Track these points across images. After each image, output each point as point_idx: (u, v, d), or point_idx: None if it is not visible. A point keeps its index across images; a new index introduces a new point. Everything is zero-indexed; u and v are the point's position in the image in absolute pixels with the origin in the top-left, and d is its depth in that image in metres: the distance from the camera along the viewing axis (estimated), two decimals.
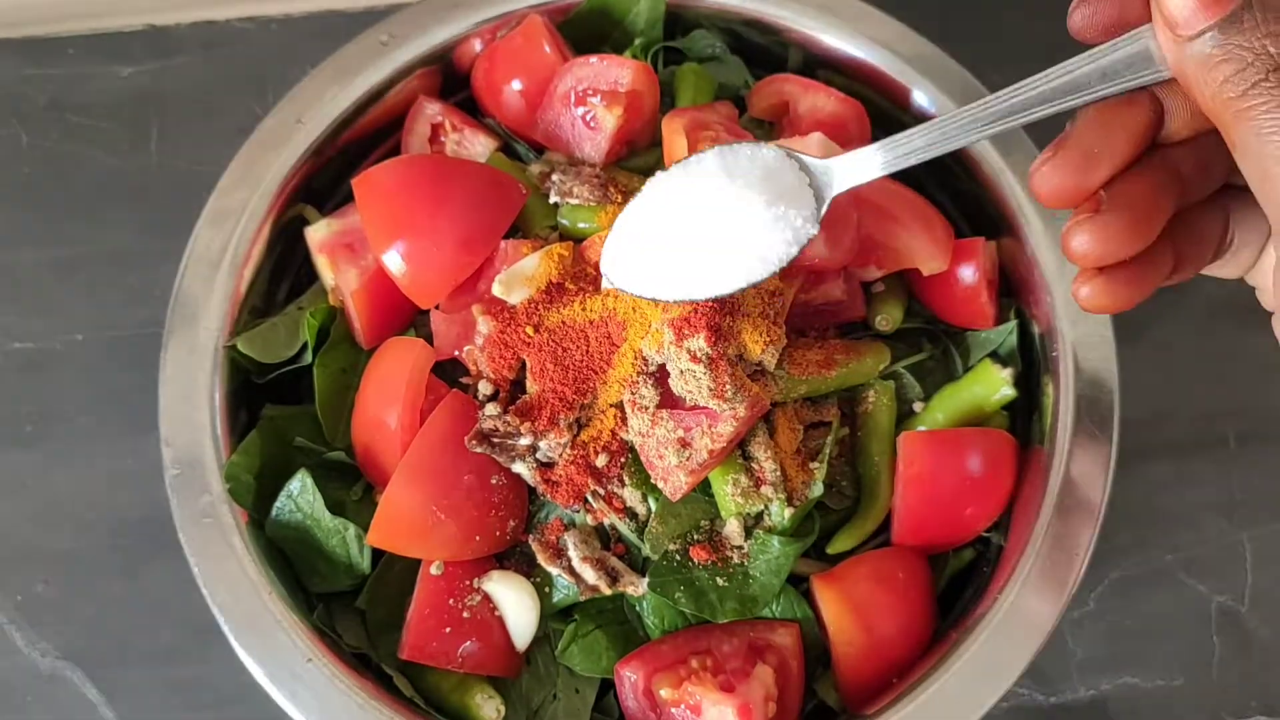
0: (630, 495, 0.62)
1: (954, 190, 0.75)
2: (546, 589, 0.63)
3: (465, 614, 0.62)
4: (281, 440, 0.66)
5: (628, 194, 0.68)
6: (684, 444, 0.59)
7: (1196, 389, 0.81)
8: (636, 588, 0.61)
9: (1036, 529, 0.63)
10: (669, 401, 0.60)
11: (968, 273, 0.69)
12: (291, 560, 0.65)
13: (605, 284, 0.60)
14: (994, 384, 0.67)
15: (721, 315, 0.59)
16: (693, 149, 0.66)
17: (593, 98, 0.69)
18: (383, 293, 0.67)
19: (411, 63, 0.73)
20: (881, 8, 0.74)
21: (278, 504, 0.64)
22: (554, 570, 0.62)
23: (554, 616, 0.64)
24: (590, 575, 0.61)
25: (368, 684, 0.60)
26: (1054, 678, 0.75)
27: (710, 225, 0.54)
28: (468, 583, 0.63)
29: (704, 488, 0.63)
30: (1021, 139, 0.70)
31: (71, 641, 0.75)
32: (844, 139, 0.69)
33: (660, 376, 0.61)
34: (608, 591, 0.61)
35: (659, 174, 0.57)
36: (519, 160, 0.74)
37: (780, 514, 0.62)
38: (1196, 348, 0.82)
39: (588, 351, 0.62)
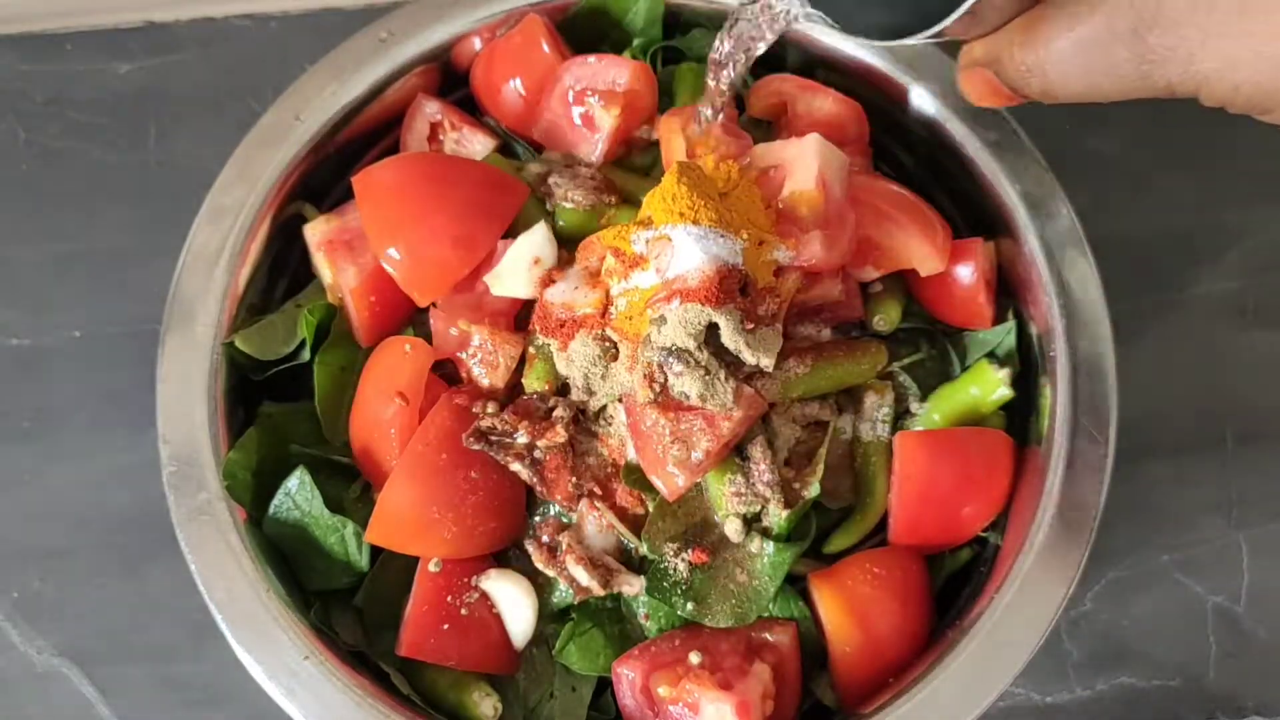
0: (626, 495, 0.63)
1: (952, 190, 0.75)
2: (546, 588, 0.64)
3: (463, 611, 0.62)
4: (279, 437, 0.66)
5: (624, 196, 0.68)
6: (681, 445, 0.60)
7: (1194, 389, 0.82)
8: (632, 587, 0.61)
9: (1034, 529, 0.63)
10: (666, 402, 0.60)
11: (965, 273, 0.69)
12: (289, 558, 0.65)
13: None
14: (991, 384, 0.67)
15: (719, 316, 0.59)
16: (691, 150, 0.66)
17: (591, 97, 0.69)
18: (381, 290, 0.67)
19: (410, 60, 0.73)
20: None
21: (275, 501, 0.64)
22: (549, 571, 0.62)
23: (550, 617, 0.64)
24: (584, 577, 0.61)
25: (365, 681, 0.60)
26: (1050, 678, 0.75)
27: None
28: (466, 580, 0.63)
29: (701, 488, 0.63)
30: (1020, 137, 0.70)
31: (68, 639, 0.75)
32: (842, 139, 0.69)
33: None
34: (601, 593, 0.61)
35: None
36: (517, 159, 0.74)
37: (777, 514, 0.62)
38: (1194, 348, 0.83)
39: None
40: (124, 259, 0.83)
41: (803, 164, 0.63)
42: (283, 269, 0.73)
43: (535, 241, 0.64)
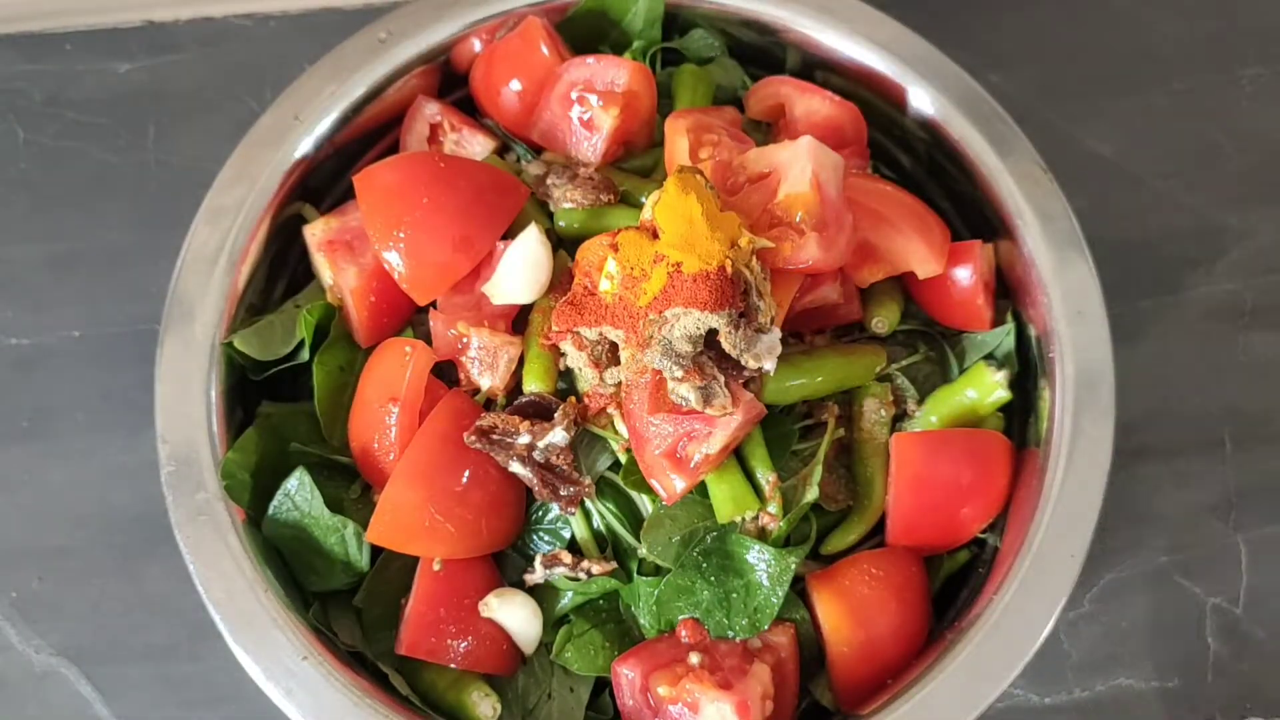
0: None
1: (951, 192, 0.75)
2: (546, 597, 0.64)
3: (463, 611, 0.62)
4: (278, 438, 0.66)
5: (623, 196, 0.68)
6: (680, 448, 0.59)
7: (1192, 391, 0.82)
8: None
9: (1032, 530, 0.63)
10: (666, 406, 0.60)
11: (964, 275, 0.69)
12: (288, 559, 0.65)
13: None
14: (988, 386, 0.67)
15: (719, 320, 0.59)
16: (694, 152, 0.66)
17: (590, 98, 0.69)
18: (381, 290, 0.67)
19: (410, 61, 0.73)
20: (880, 8, 0.74)
21: (275, 502, 0.64)
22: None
23: (552, 622, 0.64)
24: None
25: (363, 681, 0.60)
26: (1049, 679, 0.75)
27: None
28: (467, 580, 0.63)
29: (700, 490, 0.63)
30: (1019, 139, 0.70)
31: (67, 638, 0.75)
32: (839, 142, 0.69)
33: (658, 382, 0.60)
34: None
35: None
36: (517, 161, 0.74)
37: (776, 516, 0.62)
38: (1192, 349, 0.83)
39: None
40: (123, 259, 0.83)
41: (796, 166, 0.63)
42: (282, 269, 0.73)
43: (529, 246, 0.64)
